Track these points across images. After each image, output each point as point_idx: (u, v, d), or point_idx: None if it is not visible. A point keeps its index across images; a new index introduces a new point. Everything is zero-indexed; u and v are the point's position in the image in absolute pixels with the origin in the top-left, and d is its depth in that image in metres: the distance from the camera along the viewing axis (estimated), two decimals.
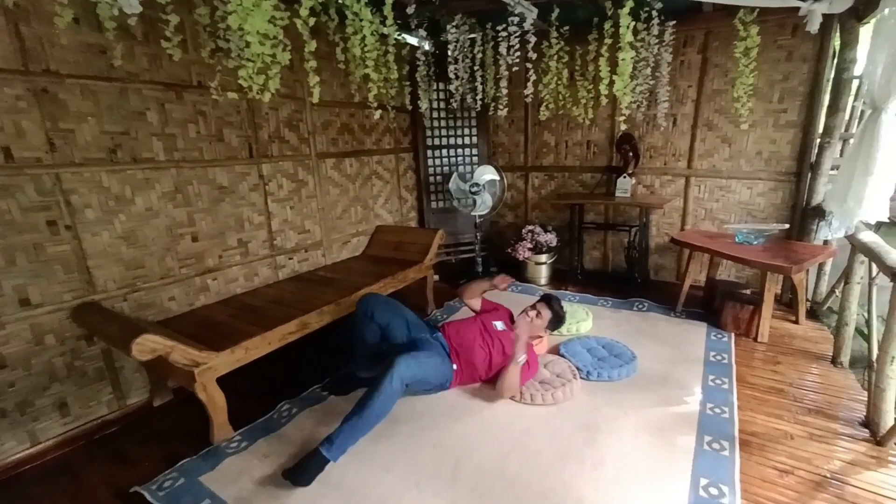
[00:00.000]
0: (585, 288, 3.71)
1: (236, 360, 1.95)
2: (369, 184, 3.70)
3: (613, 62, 2.61)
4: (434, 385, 2.18)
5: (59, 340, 1.98)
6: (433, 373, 2.10)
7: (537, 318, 2.38)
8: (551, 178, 4.13)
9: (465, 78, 3.24)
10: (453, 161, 4.20)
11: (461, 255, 4.30)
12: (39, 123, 1.86)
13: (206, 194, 2.48)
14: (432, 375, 2.10)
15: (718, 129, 3.36)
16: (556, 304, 2.49)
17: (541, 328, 2.43)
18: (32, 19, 1.80)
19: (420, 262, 3.16)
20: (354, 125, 3.47)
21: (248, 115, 2.66)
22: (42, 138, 1.87)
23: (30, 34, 1.81)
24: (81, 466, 1.86)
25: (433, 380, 2.13)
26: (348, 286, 2.68)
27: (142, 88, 2.16)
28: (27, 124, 1.83)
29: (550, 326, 2.48)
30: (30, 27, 1.80)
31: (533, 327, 2.35)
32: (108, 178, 2.07)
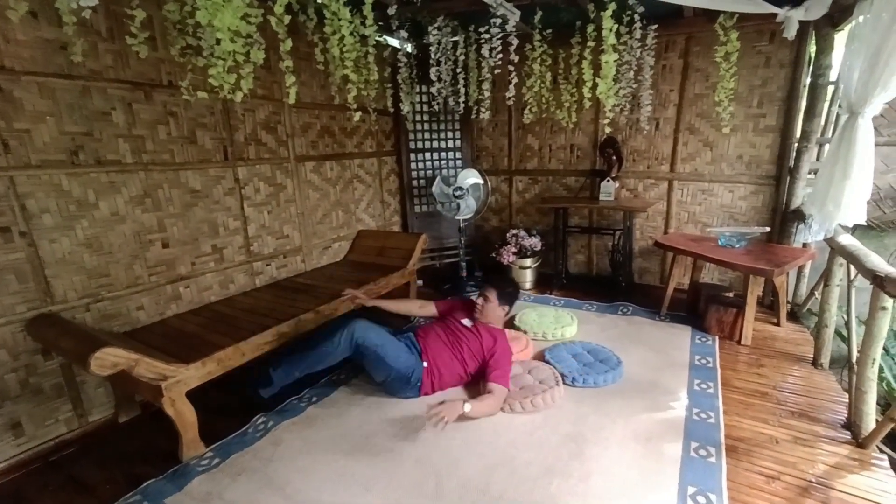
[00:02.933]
0: (570, 292, 3.69)
1: (208, 372, 1.85)
2: (351, 188, 3.61)
3: (597, 65, 2.59)
4: (399, 374, 2.13)
5: (13, 356, 1.84)
6: (393, 354, 2.12)
7: (487, 304, 2.32)
8: (535, 181, 4.11)
9: (447, 81, 3.20)
10: (437, 165, 4.15)
11: (445, 259, 4.24)
12: None
13: (178, 199, 2.37)
14: (392, 357, 2.11)
15: (700, 132, 3.38)
16: (498, 281, 2.46)
17: (496, 310, 2.35)
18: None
19: (403, 268, 3.09)
20: (335, 128, 3.39)
21: (222, 116, 2.56)
22: None
23: None
24: (34, 493, 1.73)
25: (394, 363, 2.11)
26: (328, 293, 2.60)
27: (106, 87, 2.05)
28: None
29: (506, 302, 2.39)
30: None
31: (488, 314, 2.33)
32: (68, 182, 1.96)
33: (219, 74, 1.62)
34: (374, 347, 2.07)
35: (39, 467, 1.87)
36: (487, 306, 2.31)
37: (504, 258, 3.76)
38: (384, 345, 2.10)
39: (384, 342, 2.11)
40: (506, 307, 2.41)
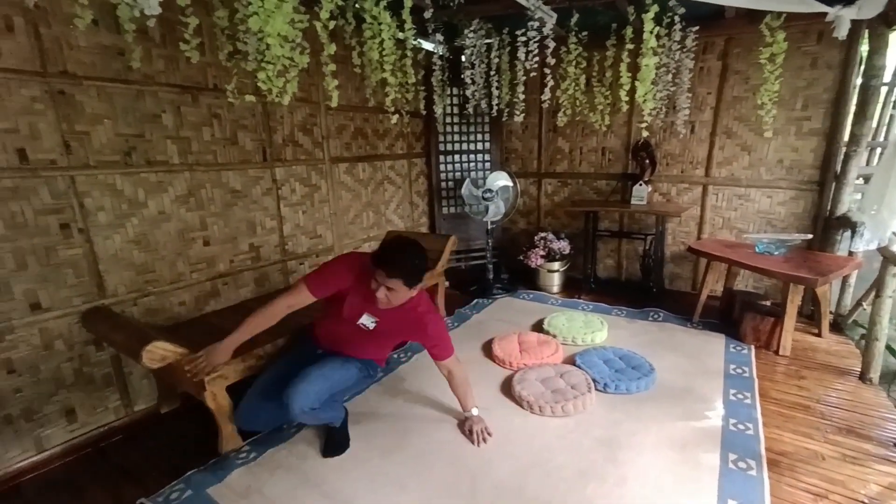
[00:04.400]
0: (599, 297, 3.64)
1: (247, 367, 1.91)
2: (381, 189, 3.66)
3: (634, 68, 2.56)
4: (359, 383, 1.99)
5: (68, 346, 1.94)
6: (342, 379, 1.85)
7: (393, 293, 1.68)
8: (565, 184, 4.08)
9: (480, 83, 3.20)
10: (466, 167, 4.16)
11: (472, 261, 4.25)
12: (55, 125, 1.83)
13: (219, 198, 2.45)
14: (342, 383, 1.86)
15: (738, 136, 3.29)
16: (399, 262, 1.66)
17: (407, 293, 1.74)
18: (52, 20, 1.79)
19: (431, 269, 3.10)
20: (368, 130, 3.44)
21: (262, 118, 2.63)
22: (57, 140, 1.85)
23: (48, 35, 1.79)
24: (86, 477, 1.82)
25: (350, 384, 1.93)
26: None
27: (158, 91, 2.13)
28: (43, 126, 1.81)
29: (417, 282, 1.74)
30: (49, 28, 1.79)
31: (396, 300, 1.73)
32: (121, 181, 2.05)
33: (267, 78, 1.67)
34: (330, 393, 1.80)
35: (90, 453, 1.96)
36: (394, 296, 1.70)
37: (532, 261, 3.73)
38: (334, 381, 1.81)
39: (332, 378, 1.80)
40: (418, 286, 1.79)
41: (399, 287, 1.67)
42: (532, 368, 2.42)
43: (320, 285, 1.77)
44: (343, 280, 1.79)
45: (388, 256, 1.65)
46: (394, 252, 1.67)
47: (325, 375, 1.78)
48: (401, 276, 1.65)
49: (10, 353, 1.80)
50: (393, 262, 1.64)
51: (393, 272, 1.63)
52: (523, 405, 2.16)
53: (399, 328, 1.89)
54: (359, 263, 1.79)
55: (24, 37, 1.73)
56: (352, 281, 1.78)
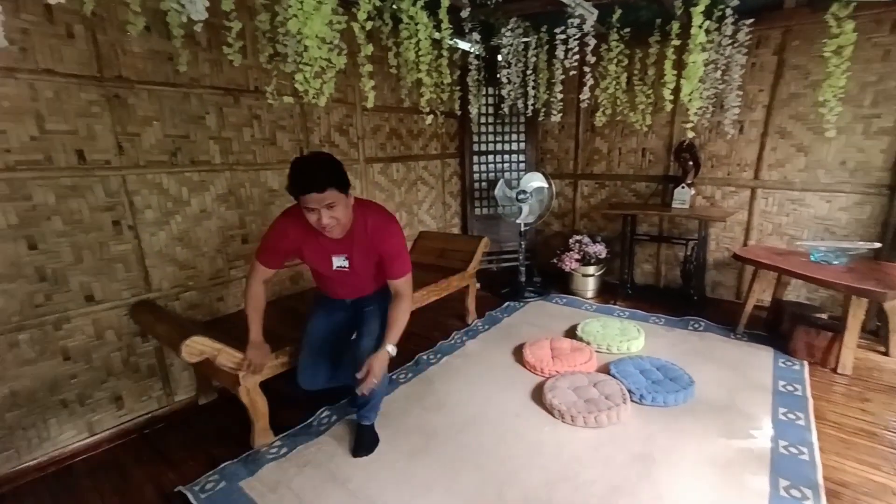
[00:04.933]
0: (636, 303, 3.50)
1: (280, 364, 1.95)
2: (414, 189, 3.67)
3: (679, 65, 2.43)
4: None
5: (118, 336, 2.05)
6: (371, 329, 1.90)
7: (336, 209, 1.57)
8: (602, 186, 3.95)
9: (516, 82, 3.15)
10: (500, 167, 4.11)
11: (504, 263, 4.19)
12: (110, 127, 1.94)
13: (258, 197, 2.52)
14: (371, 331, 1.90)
15: (793, 136, 3.07)
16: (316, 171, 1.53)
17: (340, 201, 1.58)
18: (108, 27, 1.89)
19: (463, 270, 3.08)
20: (403, 130, 3.46)
21: (300, 119, 2.69)
22: (112, 141, 1.95)
23: (105, 42, 1.89)
24: (130, 461, 1.91)
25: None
26: None
27: (203, 93, 2.21)
28: (99, 128, 1.91)
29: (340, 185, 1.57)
30: (105, 35, 1.88)
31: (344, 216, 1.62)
32: (167, 180, 2.14)
33: (305, 80, 1.70)
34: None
35: (135, 438, 2.06)
36: (338, 211, 1.58)
37: (566, 265, 3.64)
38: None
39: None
40: (349, 188, 1.63)
41: (337, 197, 1.56)
42: (564, 376, 2.35)
43: (271, 257, 1.78)
44: (289, 240, 1.74)
45: (308, 176, 1.51)
46: (311, 168, 1.54)
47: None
48: (331, 183, 1.52)
49: (66, 341, 1.91)
50: (316, 176, 1.51)
51: (323, 185, 1.51)
52: (554, 414, 2.10)
53: (367, 251, 1.78)
54: (294, 217, 1.70)
55: (83, 43, 1.83)
56: (298, 235, 1.73)
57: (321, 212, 1.56)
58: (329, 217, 1.57)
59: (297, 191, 1.54)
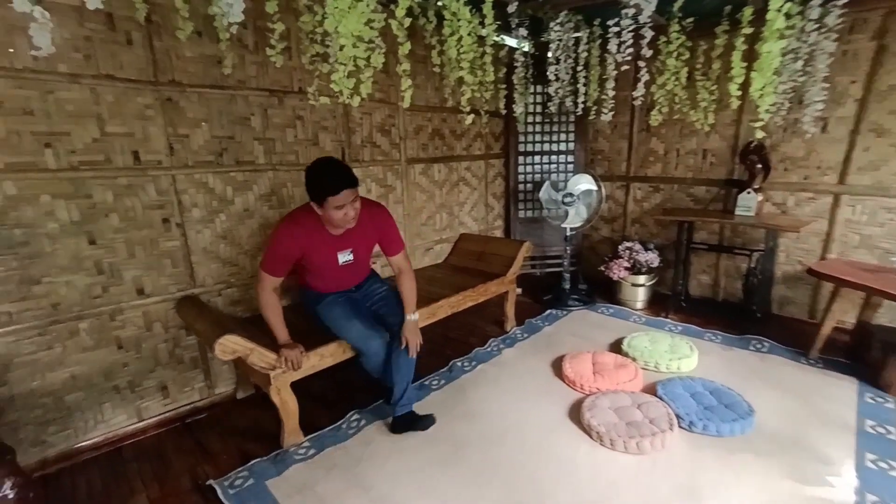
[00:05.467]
0: (690, 317, 3.23)
1: (311, 366, 1.95)
2: (456, 190, 3.61)
3: (751, 56, 2.19)
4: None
5: (165, 329, 2.15)
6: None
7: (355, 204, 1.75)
8: (657, 190, 3.68)
9: (565, 80, 2.99)
10: (546, 168, 3.95)
11: (548, 268, 4.03)
12: (162, 129, 2.03)
13: (300, 197, 2.55)
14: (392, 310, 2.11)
15: (893, 134, 2.68)
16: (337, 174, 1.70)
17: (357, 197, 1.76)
18: (164, 34, 1.97)
19: (502, 275, 2.97)
20: (446, 130, 3.40)
21: (342, 119, 2.70)
22: (164, 143, 2.04)
23: (161, 48, 1.98)
24: (171, 450, 2.00)
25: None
26: (426, 297, 2.59)
27: (249, 95, 2.27)
28: (153, 130, 2.00)
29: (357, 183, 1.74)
30: (161, 41, 1.97)
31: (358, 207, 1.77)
32: (213, 180, 2.22)
33: (340, 80, 1.68)
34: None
35: (178, 427, 2.16)
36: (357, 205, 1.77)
37: (614, 273, 3.43)
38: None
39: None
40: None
41: (357, 195, 1.76)
42: (605, 394, 2.20)
43: (280, 265, 1.83)
44: (296, 245, 1.81)
45: (340, 175, 1.69)
46: (338, 169, 1.71)
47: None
48: (357, 180, 1.74)
49: (119, 331, 2.03)
50: (347, 175, 1.70)
51: (354, 182, 1.72)
52: (592, 435, 1.96)
53: (368, 238, 1.99)
54: (297, 222, 1.82)
55: (141, 50, 1.92)
56: (304, 238, 1.82)
57: (348, 207, 1.72)
58: (354, 210, 1.76)
59: (331, 191, 1.67)
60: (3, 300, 1.74)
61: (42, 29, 1.15)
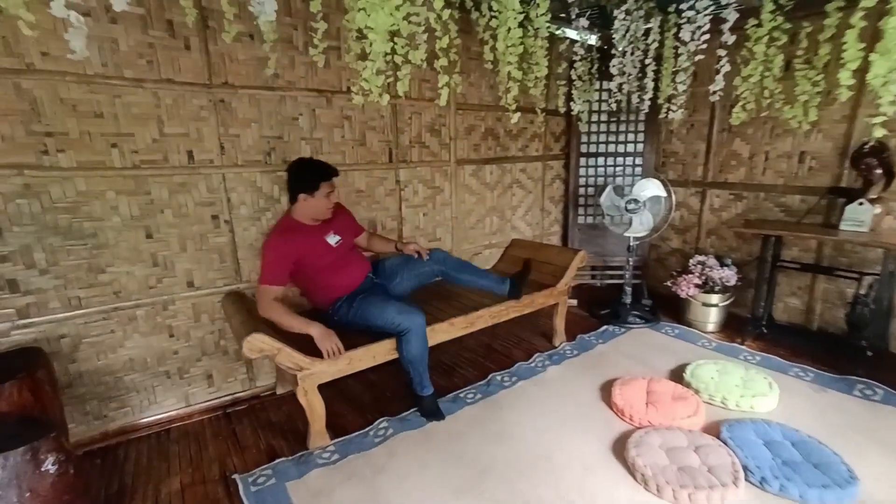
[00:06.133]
0: (772, 346, 2.79)
1: (338, 370, 1.93)
2: (509, 193, 3.44)
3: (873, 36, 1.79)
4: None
5: (211, 320, 2.25)
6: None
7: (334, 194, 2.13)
8: (739, 198, 3.23)
9: (633, 74, 2.70)
10: (610, 171, 3.64)
11: (608, 279, 3.73)
12: (215, 129, 2.11)
13: (344, 197, 2.56)
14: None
15: None
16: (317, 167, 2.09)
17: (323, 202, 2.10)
18: (218, 38, 2.04)
19: (552, 286, 2.77)
20: (500, 130, 3.26)
21: (391, 119, 2.66)
22: (215, 142, 2.13)
23: (215, 51, 2.06)
24: (210, 436, 2.08)
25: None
26: (467, 304, 2.48)
27: (297, 95, 2.31)
28: (206, 130, 2.10)
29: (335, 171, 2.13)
30: (216, 45, 2.05)
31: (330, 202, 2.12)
32: (261, 179, 2.28)
33: (370, 77, 1.62)
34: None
35: (219, 415, 2.26)
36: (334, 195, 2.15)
37: (682, 289, 3.06)
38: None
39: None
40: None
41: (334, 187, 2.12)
42: (658, 430, 1.94)
43: (276, 274, 1.96)
44: (289, 249, 2.00)
45: (323, 165, 2.07)
46: (319, 162, 2.10)
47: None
48: (328, 178, 2.08)
49: (171, 320, 2.16)
50: (328, 167, 2.08)
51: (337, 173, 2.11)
52: (636, 476, 1.73)
53: (343, 225, 2.26)
54: (282, 230, 2.05)
55: (197, 54, 2.02)
56: (294, 239, 2.03)
57: (333, 193, 2.10)
58: (335, 197, 2.13)
59: (323, 177, 2.05)
60: (75, 286, 1.91)
61: (77, 33, 1.21)
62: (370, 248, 2.48)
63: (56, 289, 1.87)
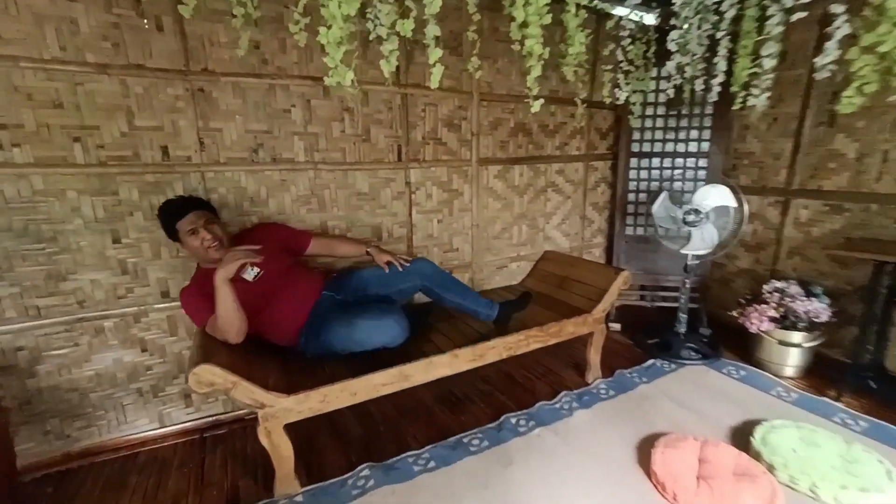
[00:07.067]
0: (883, 408, 2.14)
1: (309, 409, 1.61)
2: (543, 198, 2.99)
3: None
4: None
5: (189, 334, 2.02)
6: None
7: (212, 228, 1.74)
8: (837, 210, 2.56)
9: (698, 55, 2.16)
10: (667, 174, 3.07)
11: (659, 302, 3.17)
12: (193, 122, 1.87)
13: (343, 200, 2.26)
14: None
15: None
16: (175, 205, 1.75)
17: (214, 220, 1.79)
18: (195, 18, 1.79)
19: (586, 312, 2.30)
20: (533, 125, 2.81)
21: (400, 112, 2.32)
22: (193, 137, 1.89)
23: (193, 33, 1.81)
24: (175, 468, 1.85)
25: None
26: (477, 331, 2.09)
27: (289, 84, 2.02)
28: (183, 123, 1.86)
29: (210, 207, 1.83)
30: (193, 26, 1.80)
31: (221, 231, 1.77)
32: (246, 179, 2.02)
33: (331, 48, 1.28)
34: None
35: (196, 440, 2.03)
36: (217, 229, 1.75)
37: (752, 322, 2.47)
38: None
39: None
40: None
41: (211, 216, 1.77)
42: None
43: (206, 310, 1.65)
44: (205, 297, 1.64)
45: (179, 204, 1.73)
46: (184, 198, 1.78)
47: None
48: (202, 206, 1.77)
49: (144, 333, 1.95)
50: (188, 202, 1.74)
51: (197, 206, 1.74)
52: None
53: (270, 249, 1.78)
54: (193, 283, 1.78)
55: (171, 36, 1.78)
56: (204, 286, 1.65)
57: (202, 231, 1.71)
58: (212, 234, 1.72)
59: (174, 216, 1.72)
60: (32, 294, 1.74)
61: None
62: (333, 253, 2.12)
63: (12, 297, 1.71)
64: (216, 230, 1.74)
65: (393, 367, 1.75)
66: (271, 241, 1.89)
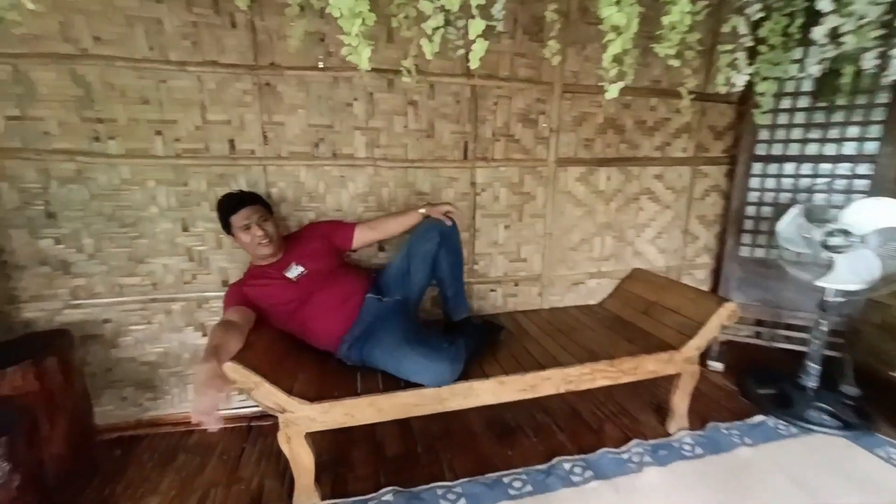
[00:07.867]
0: None
1: (333, 420, 1.51)
2: (635, 206, 2.56)
3: None
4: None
5: None
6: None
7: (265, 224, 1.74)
8: None
9: (870, 20, 1.61)
10: (804, 184, 2.43)
11: (781, 342, 2.53)
12: (258, 116, 1.91)
13: (402, 199, 2.14)
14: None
15: None
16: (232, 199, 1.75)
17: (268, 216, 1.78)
18: (265, 12, 1.82)
19: (674, 349, 1.89)
20: (628, 120, 2.42)
21: (469, 105, 2.13)
22: (258, 131, 1.92)
23: (262, 28, 1.83)
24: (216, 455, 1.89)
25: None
26: (531, 357, 1.82)
27: (353, 77, 1.95)
28: (249, 117, 1.90)
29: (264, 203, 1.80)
30: (263, 21, 1.82)
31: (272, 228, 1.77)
32: (305, 174, 2.01)
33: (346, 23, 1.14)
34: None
35: (242, 428, 2.08)
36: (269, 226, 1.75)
37: None
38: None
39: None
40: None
41: (265, 213, 1.76)
42: None
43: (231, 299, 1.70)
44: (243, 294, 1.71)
45: (236, 199, 1.73)
46: (240, 193, 1.77)
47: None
48: (257, 201, 1.75)
49: (206, 318, 2.05)
50: (243, 197, 1.73)
51: (252, 202, 1.73)
52: None
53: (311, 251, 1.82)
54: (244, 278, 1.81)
55: (243, 31, 1.81)
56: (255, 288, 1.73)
57: (255, 227, 1.70)
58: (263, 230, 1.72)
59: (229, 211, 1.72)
60: (117, 273, 1.91)
61: None
62: (386, 234, 1.95)
63: (102, 274, 1.89)
64: (268, 227, 1.73)
65: (426, 388, 1.58)
66: (317, 240, 1.86)
